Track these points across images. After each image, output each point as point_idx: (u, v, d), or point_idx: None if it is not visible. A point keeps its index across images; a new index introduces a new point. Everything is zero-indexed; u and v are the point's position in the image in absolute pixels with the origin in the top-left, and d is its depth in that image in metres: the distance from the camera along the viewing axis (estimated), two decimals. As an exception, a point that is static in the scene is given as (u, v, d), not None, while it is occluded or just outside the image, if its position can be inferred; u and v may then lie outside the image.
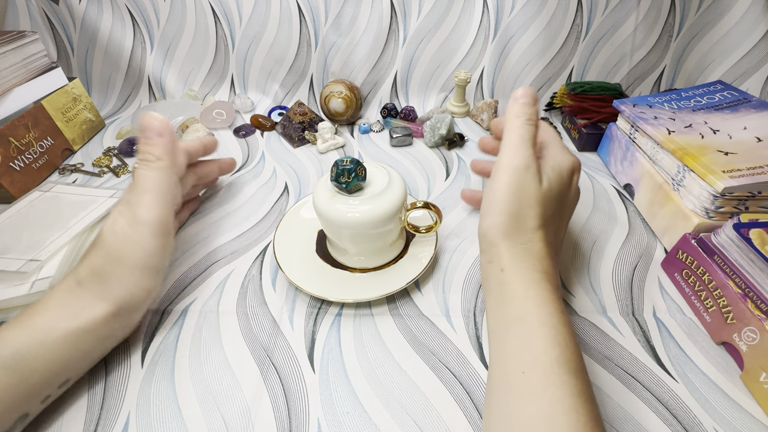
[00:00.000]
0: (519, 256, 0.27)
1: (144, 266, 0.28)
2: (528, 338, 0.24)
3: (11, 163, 0.45)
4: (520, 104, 0.30)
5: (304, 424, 0.27)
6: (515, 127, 0.29)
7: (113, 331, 0.28)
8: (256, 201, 0.46)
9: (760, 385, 0.27)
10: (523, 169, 0.28)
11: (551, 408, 0.21)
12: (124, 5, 0.62)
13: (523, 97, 0.30)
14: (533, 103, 0.30)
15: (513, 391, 0.23)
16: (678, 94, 0.48)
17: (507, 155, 0.28)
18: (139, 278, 0.28)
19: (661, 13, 0.60)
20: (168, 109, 0.60)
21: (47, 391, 0.25)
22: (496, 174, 0.29)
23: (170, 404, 0.28)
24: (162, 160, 0.30)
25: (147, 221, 0.28)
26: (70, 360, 0.26)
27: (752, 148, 0.37)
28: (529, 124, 0.29)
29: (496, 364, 0.25)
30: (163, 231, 0.29)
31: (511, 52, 0.62)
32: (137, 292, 0.28)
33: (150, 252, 0.28)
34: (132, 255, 0.27)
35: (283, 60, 0.64)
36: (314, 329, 0.33)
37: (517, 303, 0.26)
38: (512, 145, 0.29)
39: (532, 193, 0.28)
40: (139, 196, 0.29)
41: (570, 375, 0.22)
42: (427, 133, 0.56)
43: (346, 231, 0.32)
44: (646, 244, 0.40)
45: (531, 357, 0.23)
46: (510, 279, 0.26)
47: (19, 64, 0.48)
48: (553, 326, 0.24)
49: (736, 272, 0.30)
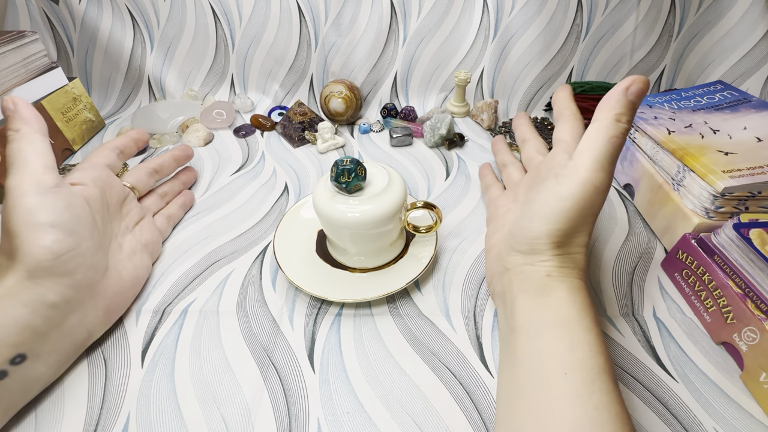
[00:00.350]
0: (566, 264, 0.27)
1: (27, 223, 0.27)
2: (573, 341, 0.24)
3: (11, 163, 0.45)
4: (628, 103, 0.25)
5: (304, 424, 0.27)
6: (611, 134, 0.25)
7: (42, 297, 0.27)
8: (256, 201, 0.46)
9: (760, 385, 0.27)
10: (601, 190, 0.25)
11: (598, 413, 0.21)
12: (124, 5, 0.62)
13: (636, 95, 0.25)
14: (638, 105, 0.26)
15: (553, 392, 0.22)
16: (678, 94, 0.48)
17: (593, 167, 0.25)
18: (28, 236, 0.27)
19: (661, 13, 0.60)
20: (168, 109, 0.60)
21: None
22: (570, 181, 0.26)
23: (170, 404, 0.28)
24: (19, 130, 0.30)
25: (14, 184, 0.28)
26: (5, 327, 0.25)
27: (752, 148, 0.37)
28: (624, 134, 0.25)
29: (530, 362, 0.24)
30: (39, 189, 0.28)
31: (511, 52, 0.62)
32: (34, 250, 0.27)
33: (28, 209, 0.27)
34: (13, 219, 0.27)
35: (283, 60, 0.64)
36: (314, 329, 0.33)
37: (562, 306, 0.25)
38: (601, 158, 0.25)
39: (595, 212, 0.26)
40: (8, 168, 0.29)
41: (613, 384, 0.22)
42: (427, 133, 0.56)
43: (346, 231, 0.32)
44: (646, 244, 0.40)
45: (576, 360, 0.23)
46: (556, 283, 0.26)
47: (19, 64, 0.48)
48: (597, 335, 0.24)
49: (736, 272, 0.30)
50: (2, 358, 0.25)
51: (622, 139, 0.25)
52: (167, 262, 0.38)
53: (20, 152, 0.29)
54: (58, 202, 0.29)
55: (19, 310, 0.26)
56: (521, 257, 0.28)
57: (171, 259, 0.39)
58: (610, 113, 0.25)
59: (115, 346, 0.31)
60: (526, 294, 0.27)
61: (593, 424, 0.21)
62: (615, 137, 0.25)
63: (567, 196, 0.26)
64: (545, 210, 0.27)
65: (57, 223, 0.28)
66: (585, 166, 0.25)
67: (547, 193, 0.27)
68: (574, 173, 0.26)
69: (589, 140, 0.26)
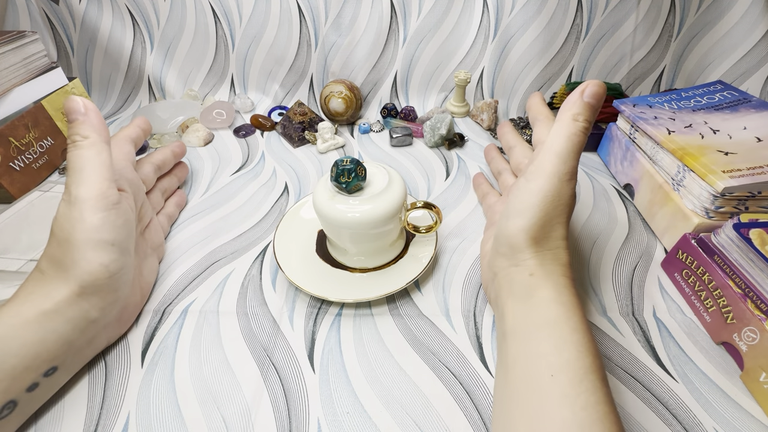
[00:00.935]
0: (548, 261, 0.27)
1: (91, 241, 0.27)
2: (560, 342, 0.24)
3: (11, 163, 0.45)
4: (585, 104, 0.27)
5: (304, 424, 0.27)
6: (570, 132, 0.27)
7: (87, 314, 0.27)
8: (256, 201, 0.46)
9: (760, 385, 0.27)
10: (566, 182, 0.27)
11: (585, 413, 0.21)
12: (124, 5, 0.62)
13: (591, 96, 0.27)
14: (599, 105, 0.27)
15: (541, 394, 0.22)
16: (678, 94, 0.48)
17: (556, 161, 0.27)
18: (90, 254, 0.27)
19: (661, 13, 0.60)
20: (168, 109, 0.60)
21: (31, 377, 0.25)
22: (537, 177, 0.27)
23: (170, 404, 0.28)
24: (89, 137, 0.29)
25: (83, 196, 0.27)
26: (46, 343, 0.25)
27: (752, 148, 0.37)
28: (584, 132, 0.27)
29: (520, 366, 0.25)
30: (105, 205, 0.28)
31: (511, 52, 0.62)
32: (92, 267, 0.27)
33: (93, 226, 0.27)
34: (75, 233, 0.27)
35: (283, 60, 0.64)
36: (314, 329, 0.33)
37: (548, 306, 0.26)
38: (563, 152, 0.27)
39: (566, 203, 0.27)
40: (73, 176, 0.28)
41: (601, 383, 0.22)
42: (427, 133, 0.56)
43: (346, 231, 0.32)
44: (646, 244, 0.40)
45: (563, 361, 0.23)
46: (540, 283, 0.26)
47: (19, 64, 0.48)
48: (584, 333, 0.24)
49: (736, 272, 0.30)
50: (38, 372, 0.25)
51: (581, 136, 0.27)
52: (167, 262, 0.38)
53: (88, 162, 0.28)
54: (119, 219, 0.29)
55: (63, 326, 0.26)
56: (505, 260, 0.29)
57: (171, 259, 0.39)
58: (569, 113, 0.28)
59: (115, 346, 0.31)
60: (513, 298, 0.28)
61: (581, 425, 0.21)
62: (574, 134, 0.27)
63: (536, 190, 0.27)
64: (518, 206, 0.28)
65: (116, 242, 0.29)
66: (549, 161, 0.27)
67: (519, 191, 0.28)
68: (540, 169, 0.28)
69: (551, 138, 0.28)
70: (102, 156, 0.29)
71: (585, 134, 0.27)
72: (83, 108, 0.29)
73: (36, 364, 0.25)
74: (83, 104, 0.29)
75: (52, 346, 0.26)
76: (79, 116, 0.29)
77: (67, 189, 0.28)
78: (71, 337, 0.27)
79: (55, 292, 0.26)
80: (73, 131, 0.29)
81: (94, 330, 0.28)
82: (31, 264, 0.33)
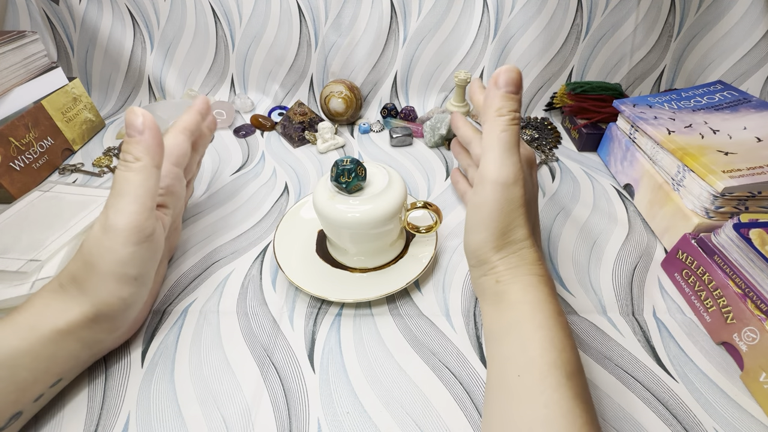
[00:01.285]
0: (513, 263, 0.27)
1: (116, 274, 0.26)
2: (524, 341, 0.24)
3: (11, 163, 0.45)
4: (502, 96, 0.26)
5: (304, 424, 0.27)
6: (498, 131, 0.26)
7: (97, 336, 0.27)
8: (256, 201, 0.46)
9: (760, 385, 0.27)
10: (511, 183, 0.26)
11: (548, 411, 0.21)
12: (124, 5, 0.62)
13: (506, 85, 0.26)
14: (518, 91, 0.26)
15: (510, 395, 0.23)
16: (678, 94, 0.48)
17: (492, 167, 0.26)
18: (112, 286, 0.26)
19: (661, 13, 0.60)
20: (168, 109, 0.60)
21: (39, 390, 0.25)
22: (482, 189, 0.26)
23: (170, 404, 0.28)
24: (140, 160, 0.27)
25: (119, 227, 0.26)
26: (56, 359, 0.26)
27: (752, 148, 0.37)
28: (513, 124, 0.26)
29: (493, 369, 0.25)
30: (139, 238, 0.26)
31: (511, 52, 0.62)
32: (111, 300, 0.26)
33: (122, 260, 0.26)
34: (103, 262, 0.26)
35: (283, 60, 0.64)
36: (314, 329, 0.33)
37: (514, 307, 0.26)
38: (498, 156, 0.26)
39: (519, 204, 0.26)
40: (115, 199, 0.26)
41: (567, 378, 0.22)
42: (427, 133, 0.56)
43: (346, 231, 0.32)
44: (646, 244, 0.40)
45: (527, 360, 0.23)
46: (506, 287, 0.27)
47: (19, 64, 0.48)
48: (549, 329, 0.24)
49: (736, 272, 0.30)
50: (46, 384, 0.26)
51: (511, 130, 0.26)
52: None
53: (133, 188, 0.26)
54: (148, 252, 0.28)
55: (74, 345, 0.26)
56: (475, 270, 0.29)
57: (171, 259, 0.39)
58: (490, 111, 0.26)
59: (114, 349, 0.31)
60: (486, 304, 0.28)
61: (544, 423, 0.21)
62: (503, 131, 0.26)
63: (482, 202, 0.26)
64: (472, 222, 0.28)
65: (140, 276, 0.28)
66: (487, 169, 0.26)
67: (469, 207, 0.28)
68: (481, 180, 0.26)
69: (484, 144, 0.27)
70: (149, 183, 0.27)
71: (514, 124, 0.26)
72: (141, 125, 0.27)
73: (46, 377, 0.25)
74: (142, 121, 0.27)
75: (62, 362, 0.26)
76: (135, 134, 0.27)
77: (105, 211, 0.26)
78: (83, 356, 0.28)
79: (70, 312, 0.26)
80: (126, 149, 0.27)
81: (101, 346, 0.29)
82: (31, 264, 0.33)
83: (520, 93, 0.26)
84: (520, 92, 0.26)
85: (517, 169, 0.26)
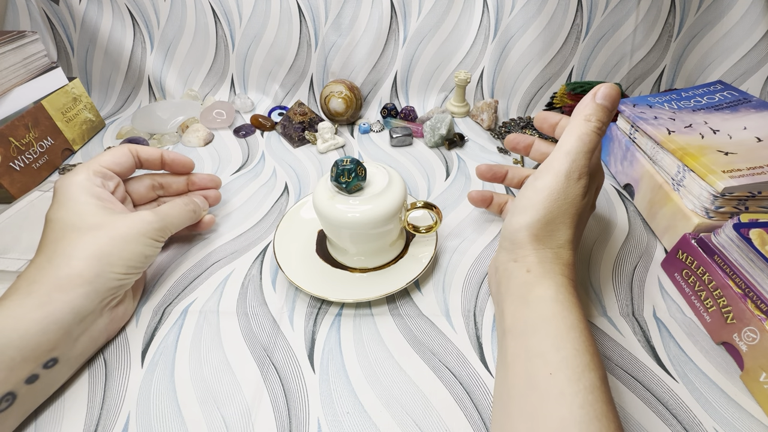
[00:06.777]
0: (548, 259, 0.27)
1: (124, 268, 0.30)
2: (558, 340, 0.24)
3: (11, 163, 0.45)
4: (597, 105, 0.28)
5: (304, 424, 0.27)
6: (581, 132, 0.27)
7: (88, 307, 0.28)
8: (256, 201, 0.46)
9: (760, 385, 0.27)
10: (575, 180, 0.27)
11: (584, 412, 0.21)
12: (124, 5, 0.62)
13: (603, 98, 0.28)
14: (612, 107, 0.28)
15: (540, 392, 0.22)
16: (678, 94, 0.48)
17: (563, 160, 0.27)
18: (115, 276, 0.29)
19: (661, 13, 0.60)
20: (168, 109, 0.60)
21: (29, 368, 0.25)
22: (545, 175, 0.27)
23: (170, 404, 0.28)
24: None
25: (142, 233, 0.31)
26: (46, 333, 0.25)
27: (752, 148, 0.37)
28: (597, 132, 0.27)
29: (519, 364, 0.24)
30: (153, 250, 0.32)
31: (511, 52, 0.62)
32: (112, 284, 0.29)
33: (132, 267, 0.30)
34: (123, 252, 0.29)
35: (283, 60, 0.64)
36: (314, 329, 0.33)
37: (546, 304, 0.25)
38: (572, 151, 0.27)
39: (574, 204, 0.27)
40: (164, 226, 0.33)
41: (600, 381, 0.22)
42: (427, 133, 0.56)
43: (346, 231, 0.32)
44: (646, 244, 0.40)
45: (560, 359, 0.23)
46: (537, 280, 0.26)
47: (19, 64, 0.48)
48: (581, 331, 0.24)
49: (736, 272, 0.30)
50: (39, 362, 0.25)
51: (593, 136, 0.28)
52: (167, 262, 0.38)
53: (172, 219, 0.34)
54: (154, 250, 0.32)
55: (66, 317, 0.26)
56: (506, 254, 0.29)
57: (171, 259, 0.39)
58: (581, 115, 0.28)
59: (115, 346, 0.31)
60: (511, 295, 0.28)
61: (579, 423, 0.21)
62: (585, 134, 0.27)
63: (541, 187, 0.27)
64: (523, 203, 0.28)
65: (140, 269, 0.31)
66: (557, 159, 0.28)
67: (525, 188, 0.29)
68: (548, 167, 0.28)
69: (562, 139, 0.28)
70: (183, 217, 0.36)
71: (597, 134, 0.28)
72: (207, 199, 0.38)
73: (36, 354, 0.25)
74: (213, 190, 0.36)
75: (53, 336, 0.26)
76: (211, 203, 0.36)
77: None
78: (71, 326, 0.27)
79: (74, 289, 0.27)
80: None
81: (93, 320, 0.28)
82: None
83: (613, 109, 0.28)
84: (614, 110, 0.28)
85: (585, 170, 0.27)
